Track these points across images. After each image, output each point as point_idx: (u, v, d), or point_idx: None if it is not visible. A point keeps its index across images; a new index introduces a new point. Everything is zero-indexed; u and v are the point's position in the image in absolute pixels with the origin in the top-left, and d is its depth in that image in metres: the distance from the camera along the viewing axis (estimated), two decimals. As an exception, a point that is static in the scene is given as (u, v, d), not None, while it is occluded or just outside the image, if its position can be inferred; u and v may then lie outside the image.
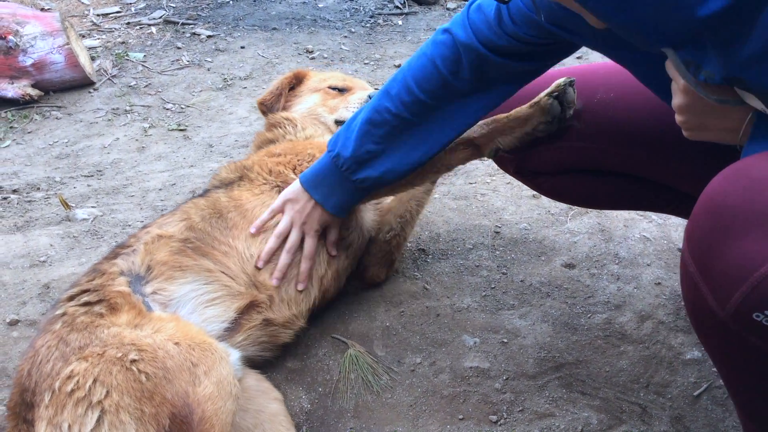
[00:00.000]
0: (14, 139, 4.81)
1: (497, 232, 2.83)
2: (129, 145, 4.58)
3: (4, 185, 4.00)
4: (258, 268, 2.30)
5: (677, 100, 1.51)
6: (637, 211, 2.87)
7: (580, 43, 1.88)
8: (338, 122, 2.82)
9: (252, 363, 2.31)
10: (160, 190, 3.71)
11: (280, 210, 2.35)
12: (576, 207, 2.90)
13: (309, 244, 2.34)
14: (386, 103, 2.10)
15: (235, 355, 2.18)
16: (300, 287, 2.34)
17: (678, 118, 1.55)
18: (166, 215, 2.50)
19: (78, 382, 1.85)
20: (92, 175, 4.13)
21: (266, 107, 3.06)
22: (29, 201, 3.72)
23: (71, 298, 2.19)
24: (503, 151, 2.28)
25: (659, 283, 2.54)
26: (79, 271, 2.82)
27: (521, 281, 2.56)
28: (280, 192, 2.47)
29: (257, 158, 2.66)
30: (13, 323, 2.57)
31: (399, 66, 5.55)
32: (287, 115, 2.89)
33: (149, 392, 1.84)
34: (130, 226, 3.28)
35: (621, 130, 2.04)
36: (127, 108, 5.07)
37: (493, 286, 2.55)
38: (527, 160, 2.24)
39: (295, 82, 3.09)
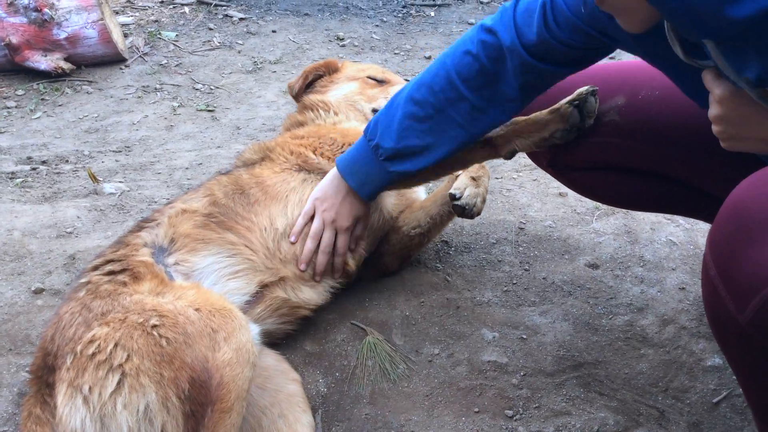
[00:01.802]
0: (45, 111, 4.87)
1: (521, 229, 2.82)
2: (157, 123, 4.62)
3: (34, 156, 4.05)
4: (301, 270, 2.35)
5: (714, 110, 1.50)
6: (665, 215, 2.85)
7: (619, 47, 1.87)
8: (375, 111, 2.82)
9: (271, 336, 2.34)
10: (186, 168, 3.74)
11: (312, 212, 2.38)
12: (603, 207, 2.88)
13: (341, 240, 2.37)
14: (429, 98, 2.10)
15: (255, 330, 2.20)
16: (336, 276, 2.41)
17: (715, 128, 1.53)
18: (190, 192, 2.54)
19: (99, 345, 1.89)
20: (120, 151, 4.18)
21: (293, 91, 3.10)
22: (58, 173, 3.77)
23: (96, 268, 2.23)
24: (518, 152, 2.28)
25: (683, 288, 2.52)
26: (104, 243, 2.85)
27: (543, 278, 2.56)
28: (299, 172, 2.51)
29: (281, 140, 2.69)
30: (38, 291, 2.61)
31: (430, 58, 5.54)
32: (323, 98, 2.90)
33: (169, 356, 1.87)
34: (156, 202, 3.31)
35: (661, 129, 2.03)
36: (157, 86, 5.11)
37: (514, 281, 2.55)
38: (561, 154, 2.23)
39: (325, 70, 3.10)
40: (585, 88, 2.14)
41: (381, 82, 2.96)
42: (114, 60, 5.39)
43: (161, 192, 3.42)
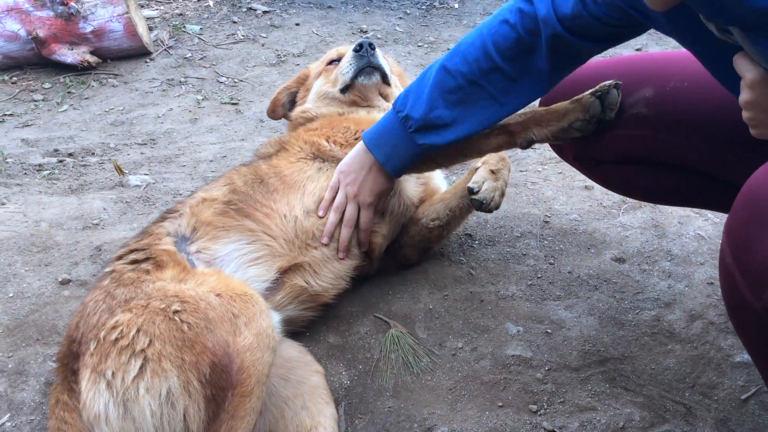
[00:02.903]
0: (71, 104, 4.93)
1: (546, 222, 2.80)
2: (182, 116, 4.65)
3: (61, 148, 4.10)
4: (323, 244, 2.35)
5: (744, 96, 1.47)
6: (694, 209, 2.81)
7: (653, 26, 1.84)
8: (343, 90, 2.81)
9: (294, 323, 2.35)
10: (210, 161, 3.76)
11: (337, 185, 2.38)
12: (629, 200, 2.85)
13: (364, 216, 2.37)
14: (462, 68, 2.07)
15: (276, 318, 2.21)
16: (363, 249, 2.40)
17: (745, 114, 1.51)
18: (211, 182, 2.56)
19: (122, 331, 1.92)
20: (146, 144, 4.21)
21: (274, 116, 3.17)
22: (84, 165, 3.81)
23: (120, 257, 2.26)
24: (535, 142, 2.25)
25: (711, 283, 2.48)
26: (130, 235, 2.87)
27: (569, 272, 2.53)
28: (314, 160, 2.53)
29: (295, 134, 2.72)
30: (65, 282, 2.64)
31: (453, 50, 5.50)
32: (301, 108, 2.93)
33: (190, 341, 1.89)
34: (180, 194, 3.33)
35: (690, 121, 1.99)
36: (182, 79, 5.14)
37: (539, 275, 2.53)
38: (587, 147, 2.20)
39: (297, 84, 3.11)
40: (609, 81, 2.12)
41: (338, 60, 2.93)
42: (139, 53, 5.43)
43: (186, 184, 3.44)
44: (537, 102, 2.29)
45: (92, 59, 5.26)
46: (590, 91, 2.14)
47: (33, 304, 2.56)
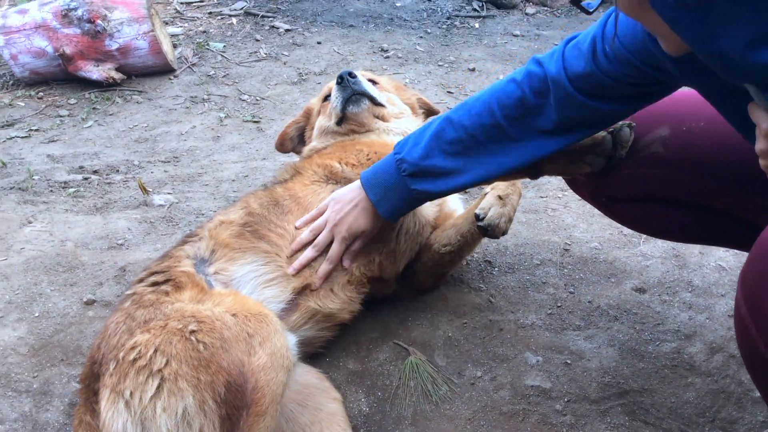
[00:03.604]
0: (96, 120, 5.00)
1: (566, 250, 2.79)
2: (205, 133, 4.70)
3: (86, 165, 4.15)
4: (287, 256, 2.36)
5: (760, 144, 1.47)
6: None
7: (670, 81, 1.84)
8: (338, 122, 2.86)
9: (311, 343, 2.37)
10: (233, 180, 3.79)
11: (325, 208, 2.41)
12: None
13: (334, 248, 2.36)
14: (464, 121, 2.09)
15: (292, 340, 2.23)
16: (315, 285, 2.36)
17: (762, 162, 1.50)
18: (228, 207, 2.61)
19: (140, 351, 1.95)
20: (169, 161, 4.26)
21: (282, 150, 3.24)
22: (108, 183, 3.86)
23: (141, 280, 2.31)
24: (546, 173, 2.25)
25: (732, 316, 2.46)
26: (154, 256, 2.91)
27: (589, 302, 2.53)
28: (327, 181, 2.57)
29: (309, 159, 2.78)
30: (90, 303, 2.68)
31: (473, 70, 5.53)
32: (309, 147, 2.99)
33: (206, 361, 1.92)
34: (203, 214, 3.36)
35: (707, 161, 1.98)
36: (205, 97, 5.20)
37: (559, 304, 2.53)
38: (604, 185, 2.20)
39: (304, 120, 3.17)
40: (622, 122, 2.13)
41: (327, 97, 2.98)
42: (163, 70, 5.50)
43: (208, 204, 3.48)
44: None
45: (117, 76, 5.33)
46: None
47: (58, 324, 2.59)
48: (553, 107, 1.99)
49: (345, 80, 2.82)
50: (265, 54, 5.81)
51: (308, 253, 2.35)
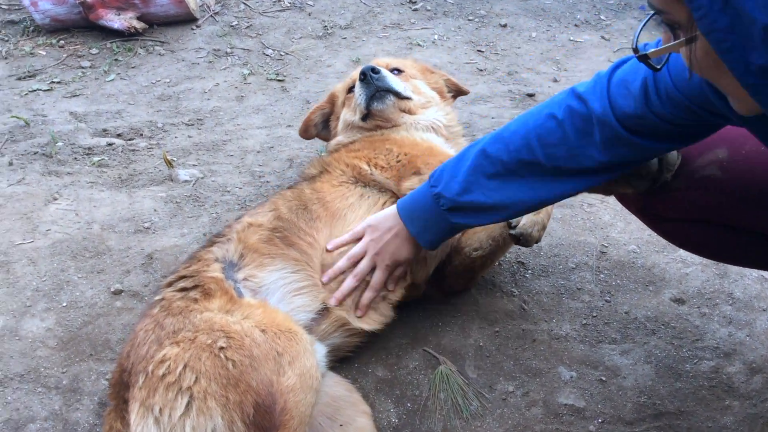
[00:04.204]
0: (118, 74, 4.84)
1: (603, 253, 2.67)
2: (228, 92, 4.54)
3: (109, 127, 4.03)
4: (323, 283, 2.27)
5: None
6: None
7: (726, 124, 1.68)
8: (363, 118, 2.72)
9: (340, 350, 2.30)
10: (258, 152, 3.66)
11: (361, 234, 2.29)
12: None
13: (377, 276, 2.27)
14: (502, 156, 1.95)
15: (321, 351, 2.18)
16: (359, 314, 2.29)
17: None
18: (257, 207, 2.51)
19: (170, 366, 1.90)
20: (192, 124, 4.12)
21: (307, 135, 3.11)
22: (133, 150, 3.74)
23: (170, 284, 2.23)
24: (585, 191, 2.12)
25: (773, 331, 2.37)
26: (180, 242, 2.83)
27: (626, 313, 2.42)
28: (356, 184, 2.46)
29: (337, 155, 2.64)
30: (117, 293, 2.61)
31: (505, 26, 5.26)
32: (335, 140, 2.85)
33: (235, 379, 1.87)
34: (229, 192, 3.26)
35: (764, 186, 1.85)
36: (228, 50, 5.00)
37: (594, 314, 2.43)
38: (653, 203, 2.06)
39: (329, 106, 3.04)
40: None
41: (353, 87, 2.80)
42: (185, 19, 5.28)
43: (234, 179, 3.36)
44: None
45: (139, 25, 5.13)
46: None
47: (86, 315, 2.54)
48: (598, 147, 1.84)
49: (368, 77, 2.65)
50: (290, 3, 5.54)
51: (349, 282, 2.26)
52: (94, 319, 2.52)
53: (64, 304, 2.57)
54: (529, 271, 2.61)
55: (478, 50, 4.97)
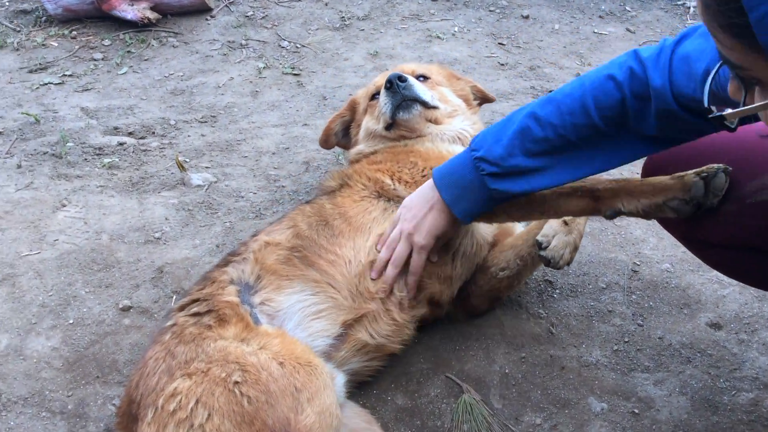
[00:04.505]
0: (131, 66, 4.69)
1: (635, 271, 2.51)
2: (243, 87, 4.38)
3: (120, 125, 3.89)
4: (373, 279, 2.15)
5: None
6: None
7: None
8: (387, 128, 2.56)
9: (358, 375, 2.17)
10: (273, 154, 3.51)
11: (398, 218, 2.16)
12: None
13: (415, 259, 2.14)
14: (553, 119, 1.80)
15: (340, 380, 2.06)
16: (409, 296, 2.17)
17: None
18: (273, 223, 2.37)
19: (181, 401, 1.78)
20: (206, 122, 3.98)
21: (327, 145, 2.97)
22: (144, 150, 3.61)
23: (182, 308, 2.11)
24: (622, 214, 1.96)
25: (816, 359, 2.20)
26: (192, 255, 2.70)
27: (659, 338, 2.27)
28: (378, 198, 2.33)
29: (358, 166, 2.50)
30: (126, 309, 2.49)
31: (527, 17, 5.05)
32: (356, 149, 2.69)
33: (250, 417, 1.75)
34: (243, 197, 3.12)
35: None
36: (243, 42, 4.83)
37: (626, 339, 2.27)
38: (699, 229, 1.89)
39: (349, 113, 2.89)
40: (719, 165, 1.81)
41: (378, 94, 2.63)
42: (200, 9, 5.11)
43: (248, 184, 3.22)
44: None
45: (152, 15, 4.97)
46: (696, 170, 1.83)
47: (93, 333, 2.42)
48: (653, 115, 1.71)
49: (394, 85, 2.49)
50: (306, -8, 5.36)
51: (389, 272, 2.14)
52: (101, 337, 2.40)
53: (71, 321, 2.46)
54: (557, 291, 2.45)
55: (500, 43, 4.77)
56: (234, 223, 2.88)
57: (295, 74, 4.51)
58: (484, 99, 2.85)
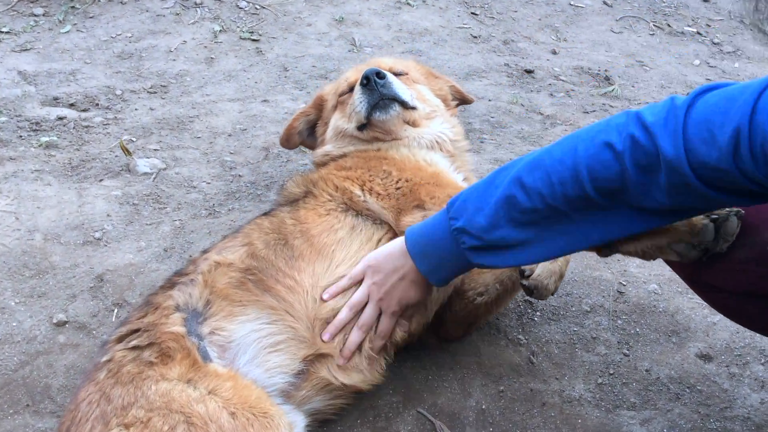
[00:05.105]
0: (75, 24, 4.22)
1: (621, 293, 2.29)
2: (197, 52, 3.97)
3: (61, 94, 3.47)
4: (323, 341, 1.87)
5: None
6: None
7: None
8: (360, 128, 2.25)
9: (321, 413, 1.92)
10: (229, 135, 3.16)
11: (361, 277, 1.88)
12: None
13: (384, 323, 1.89)
14: (542, 188, 1.52)
15: (300, 424, 1.82)
16: (375, 352, 1.93)
17: None
18: (227, 238, 2.06)
19: None
20: (156, 92, 3.58)
21: (288, 147, 2.64)
22: (86, 127, 3.21)
23: (120, 339, 1.82)
24: (619, 252, 1.74)
25: (809, 395, 2.04)
26: (136, 260, 2.37)
27: (646, 371, 2.06)
28: (346, 211, 2.03)
29: (325, 172, 2.19)
30: (60, 324, 2.17)
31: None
32: (322, 150, 2.36)
33: None
34: (195, 188, 2.78)
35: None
36: (197, 0, 4.39)
37: (611, 371, 2.06)
38: (707, 273, 1.67)
39: (314, 111, 2.54)
40: (731, 209, 1.59)
41: (350, 90, 2.32)
42: (151, -39, 4.63)
43: (201, 171, 2.88)
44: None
45: (98, -33, 4.47)
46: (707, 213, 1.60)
47: (23, 352, 2.10)
48: (663, 190, 1.43)
49: (372, 82, 2.16)
50: (267, -53, 4.89)
51: (354, 336, 1.87)
52: (32, 357, 2.09)
53: (-1, 338, 2.14)
54: (538, 314, 2.22)
55: (473, 13, 4.43)
56: (185, 221, 2.56)
57: (253, 40, 4.11)
58: (462, 100, 2.55)
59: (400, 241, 1.82)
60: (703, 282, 1.71)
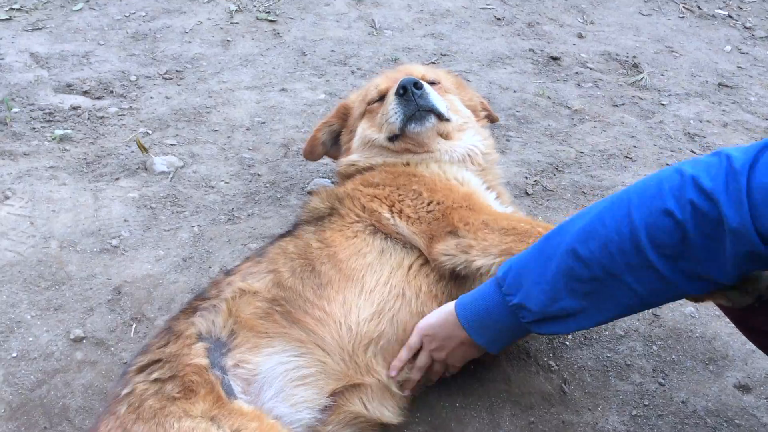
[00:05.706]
0: (87, 1, 4.03)
1: (656, 315, 2.15)
2: (212, 34, 3.79)
3: (74, 80, 3.31)
4: (391, 377, 1.81)
5: None
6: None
7: None
8: (391, 138, 2.10)
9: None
10: (247, 129, 3.00)
11: (418, 346, 1.79)
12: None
13: (438, 370, 1.88)
14: (602, 257, 1.43)
15: None
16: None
17: None
18: (251, 261, 1.92)
19: None
20: (171, 78, 3.42)
21: (311, 158, 2.48)
22: (101, 117, 3.06)
23: (141, 370, 1.70)
24: None
25: None
26: (154, 271, 2.25)
27: (682, 402, 1.95)
28: (374, 234, 1.91)
29: (351, 187, 2.04)
30: (78, 340, 2.07)
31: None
32: (348, 159, 2.20)
33: None
34: (213, 188, 2.64)
35: None
36: (213, -23, 4.17)
37: (646, 401, 1.95)
38: (755, 317, 1.56)
39: (337, 120, 2.38)
40: None
41: (381, 99, 2.18)
42: (164, -66, 4.40)
43: (219, 169, 2.74)
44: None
45: (110, -60, 4.25)
46: None
47: (40, 370, 2.00)
48: (729, 260, 1.31)
49: (409, 92, 2.01)
50: None
51: (414, 376, 1.84)
52: (49, 376, 1.99)
53: (14, 354, 2.03)
54: (570, 338, 2.10)
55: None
56: (203, 227, 2.42)
57: (270, 20, 3.92)
58: (488, 117, 2.39)
59: (450, 309, 1.75)
60: (753, 325, 1.59)
